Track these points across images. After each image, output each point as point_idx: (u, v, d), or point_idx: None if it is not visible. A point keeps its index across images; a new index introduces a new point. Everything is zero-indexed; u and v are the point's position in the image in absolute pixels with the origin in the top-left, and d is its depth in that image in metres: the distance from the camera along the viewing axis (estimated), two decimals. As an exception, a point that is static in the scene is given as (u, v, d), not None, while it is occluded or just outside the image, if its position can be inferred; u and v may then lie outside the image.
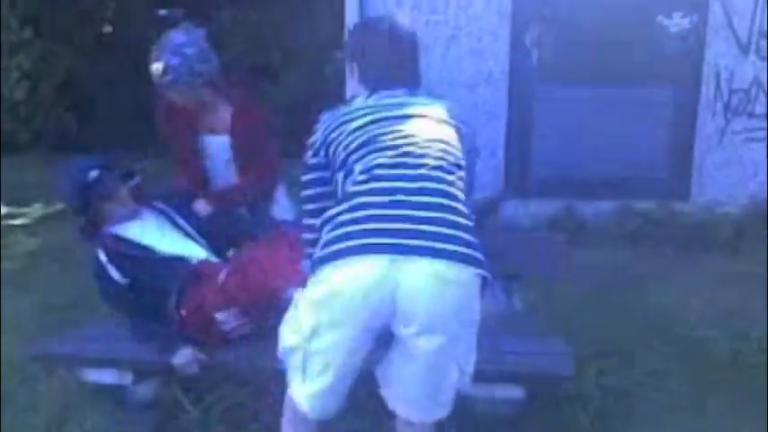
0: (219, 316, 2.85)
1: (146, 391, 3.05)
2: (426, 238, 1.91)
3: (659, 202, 5.65)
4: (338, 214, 2.00)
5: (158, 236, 3.04)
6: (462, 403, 2.78)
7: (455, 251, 1.91)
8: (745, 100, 5.69)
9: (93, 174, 3.02)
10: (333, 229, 1.98)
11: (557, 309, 2.57)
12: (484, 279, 1.99)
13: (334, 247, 1.93)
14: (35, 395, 3.32)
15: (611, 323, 3.97)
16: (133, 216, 3.08)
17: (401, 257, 1.88)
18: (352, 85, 2.41)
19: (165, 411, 3.04)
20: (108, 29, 11.69)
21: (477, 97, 5.79)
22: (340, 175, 2.10)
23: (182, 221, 3.14)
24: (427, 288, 1.89)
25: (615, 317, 4.05)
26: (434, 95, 2.36)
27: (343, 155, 2.10)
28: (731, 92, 5.69)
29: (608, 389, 3.22)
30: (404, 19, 2.45)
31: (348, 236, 1.93)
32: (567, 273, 2.58)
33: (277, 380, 2.31)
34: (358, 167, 2.05)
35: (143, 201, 3.15)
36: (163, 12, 11.86)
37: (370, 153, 2.06)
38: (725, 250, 5.32)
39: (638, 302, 4.28)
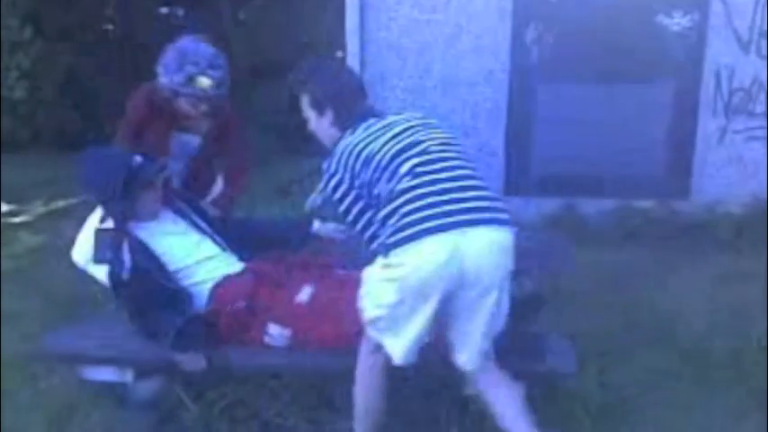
0: (272, 329, 2.84)
1: (147, 388, 3.06)
2: (478, 212, 2.31)
3: (659, 201, 5.66)
4: (399, 207, 2.31)
5: (180, 239, 3.00)
6: (463, 401, 2.80)
7: (500, 218, 2.34)
8: (746, 99, 5.70)
9: (138, 159, 2.94)
10: (399, 219, 2.29)
11: (558, 306, 2.57)
12: None
13: (406, 233, 2.26)
14: (37, 393, 3.33)
15: (612, 321, 3.98)
16: (157, 215, 3.02)
17: (463, 232, 2.26)
18: (322, 130, 2.66)
19: (167, 409, 3.05)
20: (109, 27, 11.69)
21: (478, 95, 5.80)
22: (381, 183, 2.39)
23: (200, 221, 3.13)
24: (486, 254, 2.29)
25: (615, 315, 4.06)
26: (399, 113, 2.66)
27: (379, 168, 2.40)
28: (732, 91, 5.70)
29: (608, 387, 3.23)
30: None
31: (415, 222, 2.26)
32: (568, 271, 2.59)
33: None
34: (403, 169, 2.36)
35: (168, 196, 3.11)
36: (164, 10, 11.87)
37: (409, 158, 2.39)
38: (725, 249, 5.32)
39: (639, 301, 4.29)
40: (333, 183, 2.52)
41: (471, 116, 5.78)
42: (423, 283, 2.26)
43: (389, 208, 2.33)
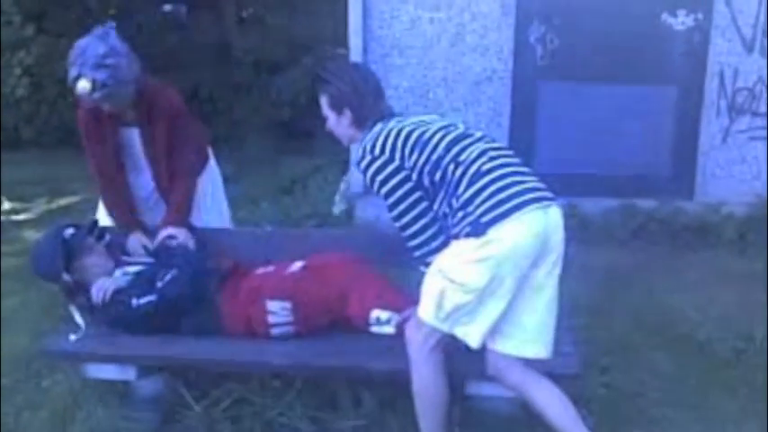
0: (271, 305, 2.86)
1: (150, 386, 3.06)
2: (546, 190, 2.44)
3: (663, 201, 5.65)
4: (485, 186, 2.38)
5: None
6: (467, 402, 2.80)
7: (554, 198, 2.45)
8: (750, 99, 5.68)
9: (69, 231, 3.02)
10: (488, 198, 2.35)
11: (561, 307, 2.57)
12: None
13: (502, 209, 2.33)
14: (39, 391, 3.33)
15: (615, 321, 3.97)
16: (110, 273, 3.05)
17: (546, 208, 2.39)
18: (341, 129, 2.73)
19: (170, 407, 3.04)
20: (111, 25, 11.68)
21: (481, 94, 5.79)
22: (440, 170, 2.46)
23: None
24: (559, 230, 2.44)
25: (619, 315, 4.05)
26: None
27: (435, 153, 2.48)
28: (735, 90, 5.68)
29: (611, 387, 3.23)
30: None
31: (509, 198, 2.35)
32: (571, 271, 2.59)
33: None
34: (470, 155, 2.46)
35: (115, 258, 3.14)
36: (167, 7, 11.86)
37: (471, 144, 2.50)
38: (728, 249, 5.31)
39: (642, 301, 4.28)
40: (377, 165, 2.54)
41: (474, 115, 5.77)
42: (521, 255, 2.34)
43: (472, 190, 2.39)
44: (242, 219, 6.02)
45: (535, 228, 2.35)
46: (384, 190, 2.55)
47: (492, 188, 2.38)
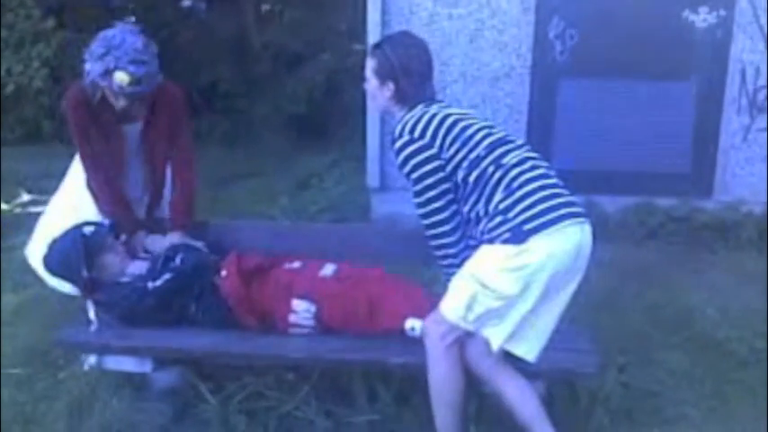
0: (296, 304, 2.85)
1: (166, 378, 3.07)
2: (579, 206, 2.44)
3: (682, 199, 5.61)
4: (526, 195, 2.38)
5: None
6: (483, 399, 2.79)
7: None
8: (771, 97, 5.62)
9: (89, 228, 3.03)
10: (525, 210, 2.35)
11: (578, 305, 2.56)
12: None
13: (536, 222, 2.33)
14: (56, 382, 3.35)
15: (633, 320, 3.95)
16: (123, 273, 3.06)
17: (583, 224, 2.41)
18: (380, 97, 2.67)
19: (185, 400, 3.05)
20: (131, 19, 11.74)
21: (499, 91, 5.76)
22: (486, 166, 2.44)
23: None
24: (589, 247, 2.46)
25: (637, 314, 4.03)
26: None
27: (476, 150, 2.46)
28: (756, 88, 5.62)
29: (629, 386, 3.20)
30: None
31: (543, 212, 2.35)
32: (589, 269, 2.58)
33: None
34: (511, 160, 2.45)
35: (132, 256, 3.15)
36: (187, 2, 11.90)
37: (512, 150, 2.48)
38: (747, 248, 5.27)
39: (660, 299, 4.25)
40: (414, 147, 2.49)
41: (492, 111, 5.75)
42: (555, 267, 2.35)
43: (514, 197, 2.38)
44: (260, 213, 6.04)
45: (572, 242, 2.38)
46: (415, 175, 2.52)
47: (534, 197, 2.38)
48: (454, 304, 2.44)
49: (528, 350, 2.52)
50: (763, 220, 5.42)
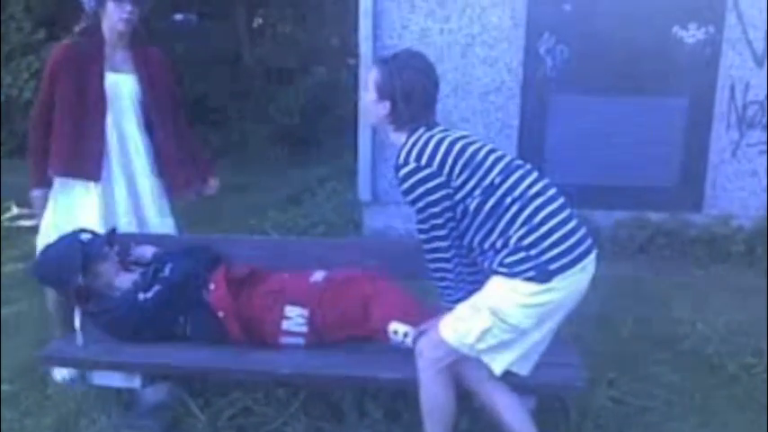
0: (289, 310, 2.84)
1: (155, 394, 3.06)
2: (587, 239, 2.46)
3: (672, 213, 5.63)
4: (550, 232, 2.36)
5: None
6: (475, 414, 2.78)
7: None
8: (760, 112, 5.65)
9: (86, 235, 3.02)
10: (550, 248, 2.34)
11: (568, 319, 2.56)
12: None
13: (562, 262, 2.34)
14: (44, 398, 3.32)
15: (622, 334, 3.95)
16: (113, 285, 3.04)
17: (591, 259, 2.43)
18: (375, 112, 2.57)
19: (174, 416, 3.04)
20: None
21: (490, 105, 5.78)
22: (502, 196, 2.40)
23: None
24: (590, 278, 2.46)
25: (626, 327, 4.03)
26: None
27: (487, 177, 2.41)
28: (746, 104, 5.65)
29: (619, 401, 3.20)
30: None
31: (568, 251, 2.35)
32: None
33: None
34: (526, 191, 2.42)
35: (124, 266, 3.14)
36: (179, 16, 11.91)
37: (521, 178, 2.45)
38: (737, 263, 5.29)
39: (650, 314, 4.25)
40: (421, 175, 2.41)
41: (483, 126, 5.76)
42: (573, 303, 2.44)
43: (537, 234, 2.36)
44: (251, 227, 6.03)
45: (589, 275, 2.44)
46: (421, 203, 2.43)
47: (557, 234, 2.37)
48: (462, 332, 2.40)
49: (522, 366, 2.53)
50: (752, 234, 5.46)
